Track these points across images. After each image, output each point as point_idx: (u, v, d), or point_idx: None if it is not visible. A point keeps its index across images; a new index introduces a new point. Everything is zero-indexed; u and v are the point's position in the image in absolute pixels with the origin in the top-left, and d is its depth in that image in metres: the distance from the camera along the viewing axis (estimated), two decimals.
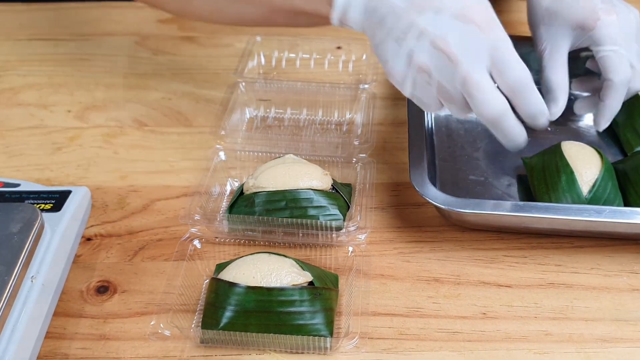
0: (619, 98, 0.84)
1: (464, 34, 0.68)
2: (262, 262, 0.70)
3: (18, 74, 1.06)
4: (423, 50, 0.69)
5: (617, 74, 0.83)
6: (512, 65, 0.69)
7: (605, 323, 0.72)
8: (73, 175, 0.89)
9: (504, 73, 0.69)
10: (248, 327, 0.67)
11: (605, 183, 0.79)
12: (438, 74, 0.70)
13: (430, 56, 0.69)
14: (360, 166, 0.84)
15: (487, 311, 0.73)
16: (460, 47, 0.68)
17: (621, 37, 0.83)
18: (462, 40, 0.68)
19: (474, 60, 0.68)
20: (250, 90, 0.96)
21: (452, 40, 0.68)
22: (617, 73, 0.83)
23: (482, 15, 0.69)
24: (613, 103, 0.85)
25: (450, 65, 0.68)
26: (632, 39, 0.84)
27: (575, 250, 0.79)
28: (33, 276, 0.69)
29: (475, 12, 0.69)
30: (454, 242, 0.80)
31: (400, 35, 0.70)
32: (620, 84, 0.83)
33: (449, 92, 0.71)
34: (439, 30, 0.69)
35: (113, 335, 0.71)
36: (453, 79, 0.69)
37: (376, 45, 0.74)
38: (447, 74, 0.69)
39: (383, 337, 0.70)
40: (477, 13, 0.69)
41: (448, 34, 0.68)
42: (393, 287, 0.75)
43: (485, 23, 0.69)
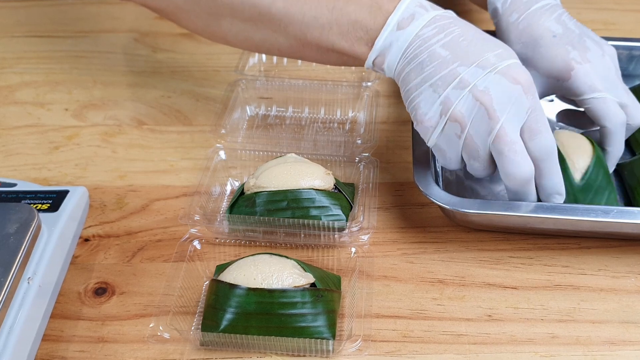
0: (619, 140, 0.82)
1: (509, 92, 0.70)
2: (263, 263, 0.70)
3: (14, 72, 1.06)
4: (462, 100, 0.70)
5: (609, 120, 0.80)
6: (543, 131, 0.71)
7: (613, 325, 0.72)
8: (71, 174, 0.89)
9: (535, 138, 0.71)
10: (249, 329, 0.67)
11: (597, 170, 0.80)
12: (471, 126, 0.71)
13: (469, 107, 0.70)
14: (363, 165, 0.84)
15: (492, 313, 0.73)
16: (502, 103, 0.70)
17: (599, 82, 0.81)
18: (505, 97, 0.70)
19: (512, 119, 0.70)
20: (251, 88, 0.96)
21: (495, 95, 0.70)
22: (609, 119, 0.80)
23: (526, 78, 0.71)
24: (615, 148, 0.82)
25: (487, 119, 0.70)
26: (613, 79, 0.82)
27: (582, 252, 0.79)
28: (30, 277, 0.69)
29: (520, 73, 0.71)
30: (458, 243, 0.80)
31: (439, 83, 0.71)
32: (616, 128, 0.81)
33: (477, 147, 0.72)
34: (483, 83, 0.70)
35: (111, 338, 0.71)
36: (486, 133, 0.71)
37: (408, 90, 0.74)
38: (482, 127, 0.71)
39: (386, 340, 0.70)
40: (522, 75, 0.71)
41: (491, 88, 0.70)
42: (396, 289, 0.75)
43: (528, 86, 0.71)
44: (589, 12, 1.18)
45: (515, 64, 0.72)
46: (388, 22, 0.73)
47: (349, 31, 0.75)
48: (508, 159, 0.70)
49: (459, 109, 0.71)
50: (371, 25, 0.74)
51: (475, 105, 0.70)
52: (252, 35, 0.81)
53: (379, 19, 0.74)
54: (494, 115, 0.70)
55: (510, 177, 0.71)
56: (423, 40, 0.72)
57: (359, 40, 0.75)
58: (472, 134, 0.71)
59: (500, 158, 0.71)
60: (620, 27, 0.85)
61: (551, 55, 0.82)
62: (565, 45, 0.82)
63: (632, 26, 1.14)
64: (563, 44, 0.82)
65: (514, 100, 0.70)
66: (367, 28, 0.74)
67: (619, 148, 0.82)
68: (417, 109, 0.74)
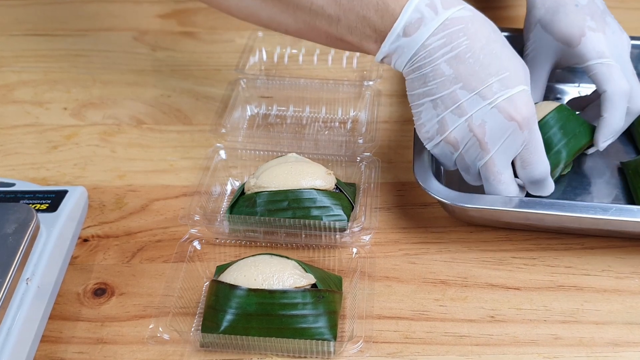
0: (618, 113, 0.80)
1: (503, 129, 0.71)
2: (263, 263, 0.70)
3: (13, 70, 1.06)
4: (458, 127, 0.73)
5: (609, 84, 0.80)
6: (536, 164, 0.74)
7: (617, 326, 0.72)
8: (69, 174, 0.89)
9: (527, 169, 0.75)
10: (249, 330, 0.67)
11: (553, 122, 0.82)
12: (464, 150, 0.74)
13: (463, 135, 0.73)
14: (364, 165, 0.84)
15: (495, 314, 0.73)
16: (495, 137, 0.72)
17: (609, 51, 0.81)
18: (498, 133, 0.72)
19: (503, 153, 0.73)
20: (252, 87, 0.96)
21: (489, 130, 0.72)
22: (610, 83, 0.80)
23: (524, 112, 0.71)
24: (612, 118, 0.81)
25: (478, 149, 0.73)
26: (623, 57, 0.82)
27: (586, 252, 0.79)
28: (28, 278, 0.69)
29: (519, 109, 0.71)
30: (461, 243, 0.80)
31: (439, 102, 0.73)
32: (616, 95, 0.80)
33: (468, 166, 0.76)
34: (479, 116, 0.72)
35: (111, 339, 0.71)
36: (477, 159, 0.74)
37: (412, 95, 0.76)
38: (473, 154, 0.74)
39: (388, 341, 0.70)
40: (520, 110, 0.71)
41: (487, 122, 0.71)
42: (398, 290, 0.75)
43: (525, 122, 0.72)
44: None
45: (518, 94, 0.72)
46: (394, 28, 0.72)
47: (357, 27, 0.74)
48: (492, 186, 0.75)
49: (454, 134, 0.73)
50: (379, 26, 0.73)
51: (469, 135, 0.73)
52: (258, 11, 0.80)
53: (387, 20, 0.73)
54: (485, 147, 0.72)
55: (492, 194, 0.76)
56: (428, 52, 0.72)
57: (367, 38, 0.75)
58: (464, 156, 0.75)
59: (486, 183, 0.75)
60: (625, 26, 0.85)
61: (568, 21, 0.83)
62: (585, 14, 0.83)
63: (637, 24, 1.14)
64: (583, 13, 0.83)
65: (507, 136, 0.72)
66: (375, 27, 0.74)
67: (616, 118, 0.81)
68: (417, 118, 0.76)
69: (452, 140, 0.74)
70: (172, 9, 1.19)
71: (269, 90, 0.97)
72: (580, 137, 0.83)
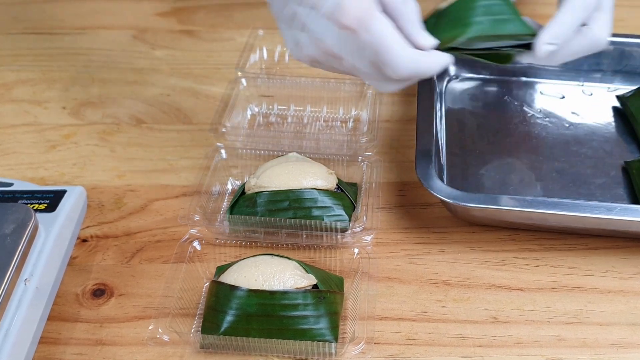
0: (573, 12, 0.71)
1: (339, 37, 0.67)
2: (264, 264, 0.70)
3: (11, 69, 1.06)
4: (310, 45, 0.69)
5: None
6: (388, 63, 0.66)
7: (621, 327, 0.72)
8: (68, 174, 0.89)
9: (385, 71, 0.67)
10: (250, 331, 0.67)
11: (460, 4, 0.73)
12: (328, 65, 0.70)
13: (318, 52, 0.69)
14: (366, 165, 0.84)
15: (498, 315, 0.73)
16: (340, 48, 0.67)
17: None
18: (339, 42, 0.67)
19: (357, 57, 0.67)
20: (252, 85, 0.96)
21: (331, 42, 0.67)
22: None
23: (355, 14, 0.65)
24: (564, 16, 0.71)
25: (337, 61, 0.69)
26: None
27: (590, 252, 0.79)
28: (27, 279, 0.69)
29: (347, 12, 0.65)
30: (463, 244, 0.80)
31: (288, 21, 0.70)
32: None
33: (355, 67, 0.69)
34: (318, 30, 0.68)
35: (110, 341, 0.71)
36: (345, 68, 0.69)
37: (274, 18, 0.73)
38: (336, 65, 0.70)
39: (390, 343, 0.70)
40: (348, 13, 0.65)
41: (326, 35, 0.67)
42: (400, 291, 0.75)
43: (358, 23, 0.65)
44: None
45: None
46: None
47: None
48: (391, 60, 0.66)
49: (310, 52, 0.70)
50: None
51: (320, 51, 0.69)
52: None
53: None
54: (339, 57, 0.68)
55: None
56: None
57: None
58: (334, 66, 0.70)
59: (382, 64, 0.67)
60: (629, 24, 0.85)
61: None
62: None
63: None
64: None
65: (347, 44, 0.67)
66: None
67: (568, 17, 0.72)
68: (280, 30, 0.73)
69: (312, 57, 0.70)
70: (171, 7, 1.19)
71: (270, 89, 0.97)
72: (506, 23, 0.72)
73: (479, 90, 1.00)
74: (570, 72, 1.00)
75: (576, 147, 0.90)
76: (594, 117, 0.95)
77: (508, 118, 0.95)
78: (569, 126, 0.93)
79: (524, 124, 0.94)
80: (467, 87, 1.00)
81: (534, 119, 0.95)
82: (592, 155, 0.89)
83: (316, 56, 0.70)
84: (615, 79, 1.00)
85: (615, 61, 0.99)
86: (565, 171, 0.87)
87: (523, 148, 0.90)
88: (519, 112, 0.96)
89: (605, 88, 0.99)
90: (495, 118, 0.95)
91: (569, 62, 0.82)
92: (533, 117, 0.95)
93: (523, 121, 0.94)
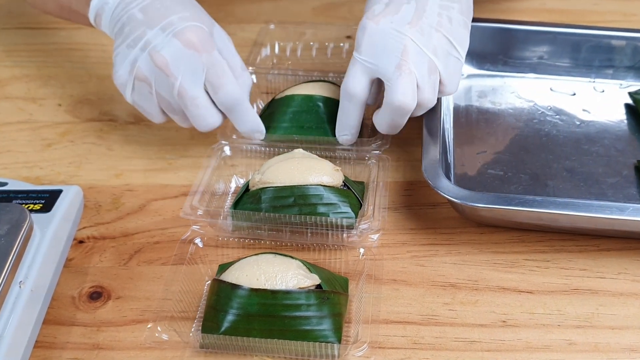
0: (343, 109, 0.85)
1: (181, 53, 0.79)
2: (266, 263, 0.70)
3: (5, 65, 1.06)
4: (144, 61, 0.80)
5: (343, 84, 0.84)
6: (223, 85, 0.81)
7: (634, 331, 0.72)
8: (64, 173, 0.89)
9: (217, 92, 0.81)
10: (251, 332, 0.67)
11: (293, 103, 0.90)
12: (157, 84, 0.81)
13: (149, 68, 0.80)
14: (373, 163, 0.84)
15: (507, 319, 0.73)
16: (177, 64, 0.79)
17: None
18: (177, 57, 0.79)
19: (189, 77, 0.80)
20: (261, 81, 0.97)
21: (168, 55, 0.79)
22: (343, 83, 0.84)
23: (198, 36, 0.80)
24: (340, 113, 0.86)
25: (167, 79, 0.80)
26: None
27: (601, 254, 0.79)
28: (21, 281, 0.69)
29: (193, 33, 0.80)
30: (471, 245, 0.80)
31: (132, 43, 0.81)
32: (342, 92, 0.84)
33: (170, 103, 0.82)
34: (160, 45, 0.79)
35: (107, 345, 0.71)
36: (171, 90, 0.80)
37: (114, 54, 0.83)
38: (165, 87, 0.81)
39: (395, 347, 0.70)
40: (194, 34, 0.80)
41: (165, 49, 0.79)
42: (406, 293, 0.75)
43: (201, 45, 0.80)
44: (607, 3, 1.18)
45: (195, 26, 0.80)
46: None
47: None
48: (192, 113, 0.82)
49: (142, 69, 0.80)
50: None
51: (153, 66, 0.80)
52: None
53: None
54: (170, 74, 0.79)
55: (201, 128, 0.83)
56: (125, 4, 0.82)
57: (84, 4, 0.85)
58: (160, 91, 0.81)
59: (188, 113, 0.82)
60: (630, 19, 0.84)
61: None
62: None
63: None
64: None
65: (187, 59, 0.79)
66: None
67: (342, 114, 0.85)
68: (115, 69, 0.83)
69: (141, 75, 0.80)
70: None
71: (279, 84, 0.97)
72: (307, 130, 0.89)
73: (487, 87, 1.00)
74: (581, 69, 1.00)
75: (587, 146, 0.90)
76: (606, 115, 0.95)
77: (517, 116, 0.95)
78: (579, 124, 0.93)
79: (534, 121, 0.94)
80: (475, 84, 1.00)
81: (544, 116, 0.95)
82: (603, 153, 0.89)
83: (147, 75, 0.80)
84: (628, 75, 1.00)
85: (628, 57, 0.99)
86: (576, 170, 0.87)
87: (533, 146, 0.90)
88: (529, 109, 0.96)
89: (617, 85, 0.99)
90: (504, 116, 0.95)
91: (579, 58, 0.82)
92: (543, 114, 0.95)
93: (533, 119, 0.94)
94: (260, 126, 0.86)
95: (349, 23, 1.11)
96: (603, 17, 1.15)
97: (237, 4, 1.18)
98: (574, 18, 1.14)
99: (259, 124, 0.86)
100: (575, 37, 1.00)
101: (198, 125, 0.83)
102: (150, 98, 0.83)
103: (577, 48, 1.00)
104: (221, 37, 0.85)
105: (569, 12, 1.16)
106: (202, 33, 0.80)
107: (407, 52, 0.78)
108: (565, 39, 1.00)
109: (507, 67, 1.02)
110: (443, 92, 0.82)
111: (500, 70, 1.02)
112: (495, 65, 1.01)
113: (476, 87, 1.00)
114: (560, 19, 1.12)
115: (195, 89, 0.80)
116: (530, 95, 0.98)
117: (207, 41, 0.81)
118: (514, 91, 0.99)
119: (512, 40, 1.01)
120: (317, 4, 1.19)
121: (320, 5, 1.19)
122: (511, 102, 0.97)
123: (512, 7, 1.16)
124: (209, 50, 0.80)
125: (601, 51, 0.89)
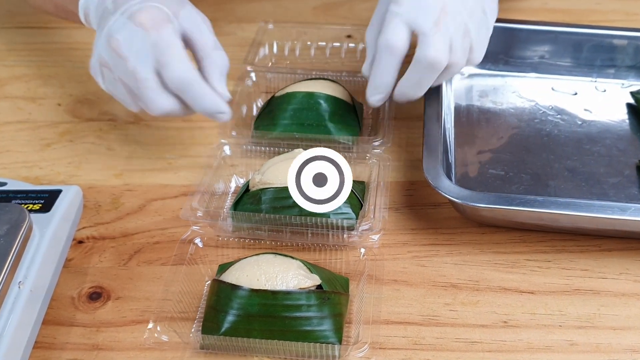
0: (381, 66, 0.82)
1: (131, 33, 0.77)
2: (267, 263, 0.70)
3: (5, 65, 1.06)
4: (103, 46, 0.78)
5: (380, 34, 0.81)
6: (173, 65, 0.76)
7: (635, 332, 0.72)
8: (63, 173, 0.89)
9: (166, 72, 0.77)
10: (251, 332, 0.67)
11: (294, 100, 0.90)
12: (116, 69, 0.78)
13: (108, 53, 0.78)
14: (374, 163, 0.84)
15: (508, 319, 0.73)
16: (127, 45, 0.77)
17: None
18: (128, 39, 0.77)
19: (139, 58, 0.76)
20: (260, 80, 0.97)
21: (121, 38, 0.77)
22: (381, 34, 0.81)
23: (150, 16, 0.77)
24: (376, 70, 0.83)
25: (122, 62, 0.77)
26: None
27: (603, 254, 0.79)
28: (21, 281, 0.69)
29: (145, 13, 0.77)
30: (472, 245, 0.80)
31: (99, 32, 0.80)
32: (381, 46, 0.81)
33: (130, 88, 0.79)
34: (115, 29, 0.78)
35: (106, 345, 0.71)
36: (126, 74, 0.77)
37: None
38: (122, 71, 0.78)
39: (396, 347, 0.70)
40: (146, 14, 0.77)
41: (119, 32, 0.77)
42: (407, 294, 0.75)
43: (152, 23, 0.77)
44: (610, 2, 1.18)
45: (149, 7, 0.78)
46: None
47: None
48: (145, 97, 0.78)
49: (103, 55, 0.79)
50: None
51: (110, 50, 0.77)
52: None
53: None
54: (123, 56, 0.76)
55: (153, 112, 0.79)
56: None
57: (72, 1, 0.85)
58: (120, 76, 0.78)
59: (140, 96, 0.78)
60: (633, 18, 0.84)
61: None
62: None
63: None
64: None
65: (138, 40, 0.76)
66: None
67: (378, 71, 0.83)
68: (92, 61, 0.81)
69: (103, 61, 0.79)
70: None
71: (279, 83, 0.97)
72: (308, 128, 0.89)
73: (489, 86, 1.00)
74: (583, 68, 1.00)
75: (589, 145, 0.90)
76: (608, 114, 0.95)
77: (518, 115, 0.95)
78: (581, 123, 0.93)
79: (535, 121, 0.94)
80: (476, 84, 1.00)
81: (545, 116, 0.94)
82: (605, 153, 0.89)
83: (107, 60, 0.78)
84: (630, 74, 1.00)
85: (630, 56, 0.99)
86: (577, 170, 0.86)
87: (534, 146, 0.90)
88: (530, 109, 0.96)
89: (619, 84, 0.99)
90: (506, 115, 0.95)
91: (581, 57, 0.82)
92: (544, 114, 0.95)
93: (534, 118, 0.94)
94: (222, 106, 0.79)
95: (349, 23, 1.11)
96: (605, 16, 1.15)
97: (238, 3, 1.18)
98: (575, 17, 1.14)
99: (219, 104, 0.79)
100: (576, 37, 1.00)
101: (150, 110, 0.79)
102: (118, 85, 0.80)
103: (578, 47, 1.00)
104: (191, 17, 0.81)
105: (571, 11, 1.16)
106: (156, 12, 0.78)
107: (445, 10, 0.78)
108: (566, 39, 1.00)
109: (509, 67, 1.02)
110: (471, 60, 0.82)
111: (501, 70, 1.02)
112: (496, 65, 1.01)
113: (477, 87, 1.00)
114: (561, 19, 1.12)
115: (145, 70, 0.77)
116: (531, 95, 0.98)
117: (160, 20, 0.77)
118: (515, 91, 0.99)
119: (514, 40, 1.01)
120: (317, 4, 1.19)
121: (320, 4, 1.19)
122: (512, 102, 0.97)
123: (514, 6, 1.16)
124: (158, 29, 0.77)
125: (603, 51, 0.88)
